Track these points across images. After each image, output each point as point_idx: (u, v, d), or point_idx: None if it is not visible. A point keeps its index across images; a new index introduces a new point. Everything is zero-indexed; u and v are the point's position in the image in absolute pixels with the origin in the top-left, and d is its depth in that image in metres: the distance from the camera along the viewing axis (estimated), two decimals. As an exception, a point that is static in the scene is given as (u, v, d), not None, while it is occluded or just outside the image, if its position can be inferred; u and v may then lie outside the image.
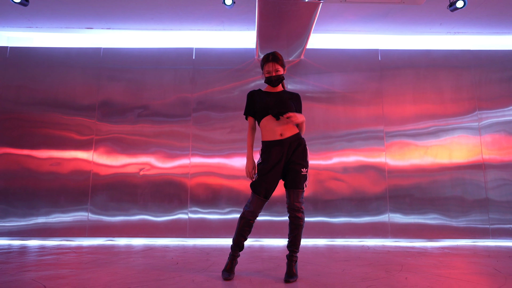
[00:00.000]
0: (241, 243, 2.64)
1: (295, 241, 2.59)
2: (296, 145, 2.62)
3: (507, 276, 2.73)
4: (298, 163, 2.58)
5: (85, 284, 2.40)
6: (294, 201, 2.56)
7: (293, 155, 2.59)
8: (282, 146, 2.59)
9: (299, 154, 2.60)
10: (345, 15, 4.64)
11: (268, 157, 2.59)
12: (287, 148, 2.59)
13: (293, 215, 2.57)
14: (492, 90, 5.24)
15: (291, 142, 2.60)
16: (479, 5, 4.40)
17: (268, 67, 2.67)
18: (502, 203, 4.95)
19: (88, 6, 4.48)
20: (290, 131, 2.63)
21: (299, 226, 2.58)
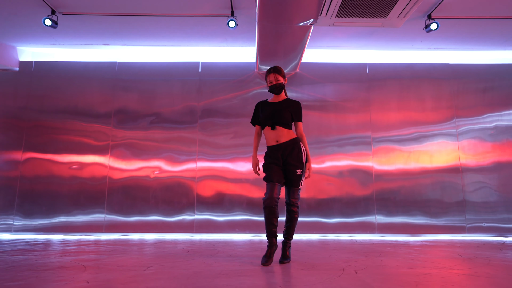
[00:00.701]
0: (272, 231, 2.92)
1: (289, 230, 3.04)
2: (291, 148, 2.99)
3: (465, 259, 3.26)
4: (293, 164, 2.96)
5: (117, 264, 2.93)
6: (291, 197, 2.99)
7: (288, 157, 2.97)
8: (279, 149, 3.01)
9: (294, 156, 2.97)
10: (335, 34, 5.20)
11: (269, 157, 3.05)
12: (283, 151, 2.99)
13: (289, 209, 3.00)
14: (469, 99, 5.79)
15: (287, 146, 3.00)
16: (454, 26, 4.95)
17: (270, 77, 3.09)
18: (478, 204, 5.48)
19: (106, 24, 5.04)
20: (285, 137, 3.03)
21: (293, 218, 3.01)
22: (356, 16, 3.94)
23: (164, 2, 4.46)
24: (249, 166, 5.54)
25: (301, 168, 2.98)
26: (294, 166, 2.95)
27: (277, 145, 3.02)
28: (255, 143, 3.26)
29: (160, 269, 2.68)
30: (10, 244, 4.40)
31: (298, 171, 2.95)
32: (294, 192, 3.00)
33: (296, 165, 2.96)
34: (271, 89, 3.12)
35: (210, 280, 2.30)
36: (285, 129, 3.04)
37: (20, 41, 5.54)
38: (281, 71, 3.11)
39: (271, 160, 3.02)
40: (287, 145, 3.00)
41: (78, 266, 2.81)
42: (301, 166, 2.98)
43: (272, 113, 3.07)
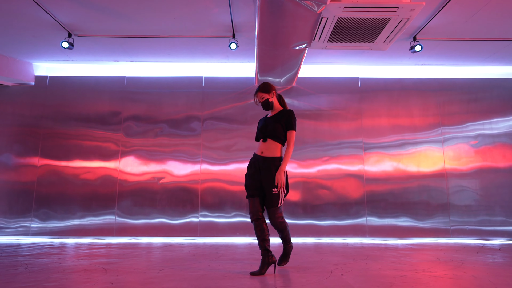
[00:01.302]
0: (262, 246, 2.97)
1: (284, 239, 3.22)
2: (266, 166, 3.01)
3: (441, 262, 3.67)
4: (267, 183, 2.98)
5: (132, 267, 3.35)
6: (271, 218, 3.03)
7: (264, 175, 3.01)
8: (257, 161, 3.07)
9: (269, 176, 2.97)
10: (329, 52, 5.60)
11: (249, 166, 3.14)
12: (260, 164, 3.04)
13: (274, 227, 3.10)
14: (453, 110, 6.22)
15: (265, 162, 3.03)
16: (437, 46, 5.36)
17: (256, 98, 3.21)
18: (461, 207, 5.90)
19: (116, 44, 5.44)
20: (270, 152, 3.06)
21: (283, 230, 3.13)
22: (346, 42, 4.35)
23: (170, 25, 4.86)
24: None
25: (276, 187, 2.98)
26: (268, 185, 2.98)
27: (259, 156, 3.08)
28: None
29: (172, 272, 3.09)
30: (30, 247, 4.81)
31: (274, 190, 2.97)
32: (273, 212, 3.02)
33: (272, 184, 2.97)
34: (262, 106, 3.25)
35: (216, 281, 2.71)
36: (274, 144, 3.08)
37: (36, 58, 5.95)
38: (265, 87, 3.18)
39: (249, 171, 3.12)
40: (266, 160, 3.04)
41: (99, 269, 3.22)
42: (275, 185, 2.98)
43: (264, 126, 3.16)
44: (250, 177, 3.11)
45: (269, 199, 2.99)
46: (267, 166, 3.02)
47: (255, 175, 3.08)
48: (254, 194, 3.06)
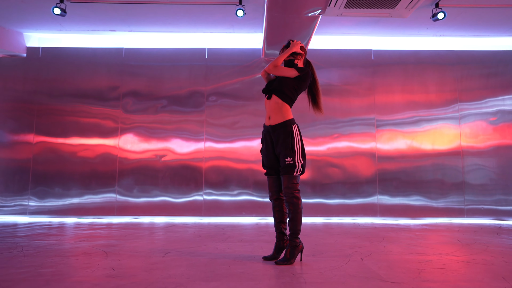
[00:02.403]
0: (278, 228, 2.72)
1: (293, 225, 2.59)
2: (277, 135, 2.64)
3: (464, 244, 3.45)
4: (280, 152, 2.62)
5: (135, 249, 3.12)
6: (284, 186, 2.61)
7: (277, 145, 2.65)
8: (269, 134, 2.70)
9: (282, 143, 2.61)
10: (342, 21, 5.21)
11: (263, 142, 2.79)
12: (273, 136, 2.68)
13: (286, 200, 2.62)
14: (472, 85, 5.88)
15: (275, 130, 2.65)
16: (460, 14, 4.97)
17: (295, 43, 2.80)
18: (476, 186, 5.66)
19: (113, 11, 5.04)
20: (277, 116, 2.65)
21: (291, 211, 2.59)
22: (364, 7, 3.98)
23: (172, -10, 4.47)
24: (255, 148, 5.66)
25: (291, 156, 2.58)
26: (283, 154, 2.61)
27: (269, 127, 2.71)
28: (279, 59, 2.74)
29: (177, 256, 2.86)
30: (28, 227, 4.60)
31: (288, 160, 2.58)
32: (286, 180, 2.60)
33: (285, 153, 2.59)
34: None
35: (227, 267, 2.48)
36: (280, 103, 2.66)
37: (27, 27, 5.55)
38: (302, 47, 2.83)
39: (263, 147, 2.79)
40: (277, 128, 2.65)
41: (99, 252, 2.99)
42: (291, 154, 2.59)
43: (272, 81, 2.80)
44: (264, 154, 2.80)
45: (283, 168, 2.61)
46: (278, 135, 2.63)
47: (268, 150, 2.74)
48: (270, 172, 2.76)
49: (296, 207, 2.58)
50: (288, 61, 2.78)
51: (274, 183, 2.74)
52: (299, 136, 2.66)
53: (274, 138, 2.67)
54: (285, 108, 2.67)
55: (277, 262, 2.57)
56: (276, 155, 2.70)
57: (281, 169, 2.63)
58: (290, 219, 2.61)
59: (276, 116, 2.66)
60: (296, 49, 2.75)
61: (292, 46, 2.75)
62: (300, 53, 2.78)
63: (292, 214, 2.59)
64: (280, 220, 2.73)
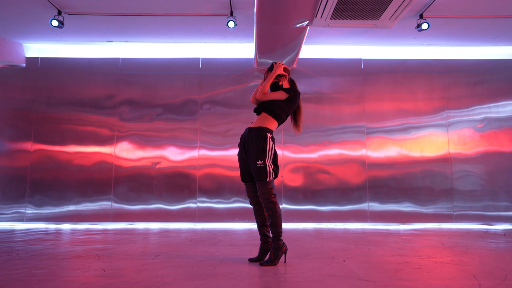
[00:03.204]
0: (261, 231, 2.81)
1: (274, 228, 2.67)
2: (250, 136, 2.70)
3: (446, 248, 3.56)
4: (252, 154, 2.66)
5: (127, 253, 3.22)
6: (260, 193, 2.67)
7: (249, 146, 2.70)
8: (244, 133, 2.81)
9: (254, 145, 2.65)
10: (331, 31, 5.38)
11: (239, 144, 2.86)
12: (246, 136, 2.76)
13: (264, 206, 2.69)
14: (459, 93, 6.04)
15: (250, 132, 2.74)
16: (445, 24, 5.14)
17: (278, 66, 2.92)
18: (465, 192, 5.78)
19: (109, 23, 5.22)
20: (258, 122, 2.77)
21: (273, 215, 2.64)
22: (349, 18, 4.14)
23: (165, 2, 4.63)
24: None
25: (261, 159, 2.62)
26: (252, 156, 2.66)
27: (246, 128, 2.82)
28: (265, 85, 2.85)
29: (167, 258, 2.97)
30: (24, 233, 4.70)
31: (258, 162, 2.61)
32: (260, 186, 2.65)
33: (257, 156, 2.63)
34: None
35: (213, 268, 2.59)
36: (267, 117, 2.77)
37: (26, 38, 5.73)
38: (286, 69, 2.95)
39: (239, 150, 2.87)
40: (252, 130, 2.74)
41: (92, 255, 3.09)
42: (262, 157, 2.62)
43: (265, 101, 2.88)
44: (239, 158, 2.87)
45: (255, 172, 2.64)
46: (251, 137, 2.70)
47: (242, 153, 2.81)
48: (246, 179, 2.83)
49: (274, 211, 2.65)
50: (273, 84, 2.91)
51: (251, 189, 2.83)
52: (272, 144, 2.72)
53: (247, 140, 2.73)
54: (270, 120, 2.77)
55: (261, 264, 2.67)
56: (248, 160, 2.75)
57: (254, 174, 2.67)
58: (270, 223, 2.68)
59: (258, 122, 2.78)
60: (279, 71, 2.88)
61: (276, 68, 2.89)
62: (283, 74, 2.91)
63: (271, 219, 2.66)
64: (262, 223, 2.82)
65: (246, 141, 2.75)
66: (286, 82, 2.98)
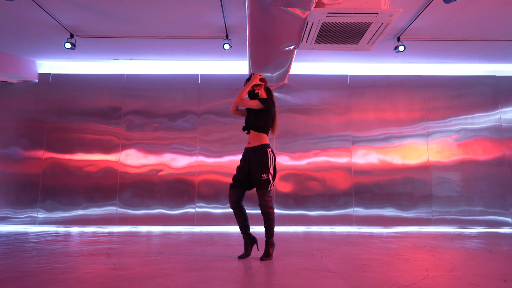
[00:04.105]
0: (240, 228, 3.33)
1: (267, 230, 3.25)
2: (254, 154, 3.21)
3: (416, 248, 4.01)
4: (257, 168, 3.17)
5: (133, 251, 3.69)
6: (261, 200, 3.19)
7: (253, 162, 3.21)
8: (248, 153, 3.28)
9: (258, 161, 3.18)
10: (318, 51, 5.89)
11: (241, 159, 3.35)
12: (251, 155, 3.24)
13: (262, 211, 3.22)
14: (437, 106, 6.54)
15: (254, 151, 3.23)
16: (421, 45, 5.65)
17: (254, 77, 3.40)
18: (443, 198, 6.26)
19: (116, 43, 5.72)
20: (255, 141, 3.26)
21: (268, 219, 3.22)
22: (331, 43, 4.64)
23: (167, 27, 5.14)
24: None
25: (266, 173, 3.15)
26: (259, 170, 3.15)
27: (248, 148, 3.29)
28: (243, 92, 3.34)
29: (168, 256, 3.43)
30: (38, 235, 5.16)
31: (263, 176, 3.14)
32: (262, 194, 3.17)
33: (262, 170, 3.15)
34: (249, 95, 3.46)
35: (208, 263, 3.06)
36: (257, 134, 3.26)
37: (39, 57, 6.25)
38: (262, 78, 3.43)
39: (240, 164, 3.33)
40: (255, 149, 3.23)
41: (103, 253, 3.56)
42: (267, 171, 3.15)
43: (247, 118, 3.39)
44: (239, 170, 3.33)
45: (259, 183, 3.16)
46: (256, 155, 3.21)
47: (244, 168, 3.29)
48: (236, 185, 3.29)
49: (270, 216, 3.22)
50: (250, 92, 3.40)
51: (235, 194, 3.29)
52: (273, 156, 3.27)
53: (252, 157, 3.23)
54: (262, 136, 3.28)
55: (262, 259, 3.17)
56: (251, 173, 3.22)
57: (257, 184, 3.19)
58: (267, 224, 3.24)
59: (254, 141, 3.27)
60: (255, 81, 3.39)
61: (252, 79, 3.39)
62: (259, 84, 3.41)
63: (268, 222, 3.24)
64: (243, 224, 3.32)
65: (251, 160, 3.23)
66: (263, 91, 3.42)
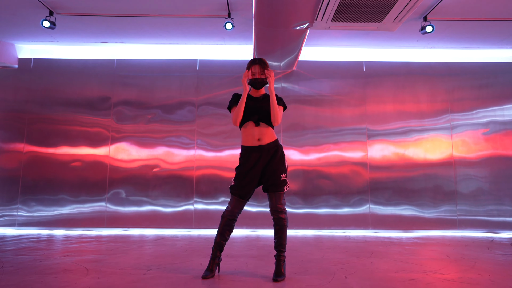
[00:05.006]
0: (221, 245, 2.76)
1: (281, 241, 2.70)
2: (273, 151, 2.73)
3: (452, 260, 3.41)
4: (277, 168, 2.70)
5: (118, 266, 3.08)
6: (276, 203, 2.69)
7: (271, 161, 2.71)
8: (260, 152, 2.71)
9: (277, 161, 2.72)
10: (332, 33, 5.22)
11: (246, 161, 2.72)
12: (266, 154, 2.71)
13: (277, 216, 2.69)
14: (463, 96, 5.88)
15: (269, 149, 2.72)
16: (449, 27, 4.98)
17: (254, 69, 2.75)
18: (468, 197, 5.64)
19: (104, 24, 5.06)
20: (268, 137, 2.74)
21: (283, 226, 2.69)
22: (351, 21, 3.98)
23: (161, 3, 4.47)
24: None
25: (285, 173, 2.74)
26: (278, 170, 2.71)
27: (259, 146, 2.72)
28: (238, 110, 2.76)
29: (159, 273, 2.82)
30: (15, 240, 4.55)
31: (282, 176, 2.71)
32: (279, 197, 2.71)
33: (281, 169, 2.71)
34: (252, 82, 2.78)
35: (208, 285, 2.44)
36: (269, 128, 2.77)
37: (19, 39, 5.56)
38: (266, 65, 2.79)
39: (247, 168, 2.72)
40: (271, 147, 2.74)
41: (80, 269, 2.95)
42: (285, 171, 2.75)
43: (257, 108, 2.75)
44: (246, 175, 2.72)
45: (277, 183, 2.70)
46: (274, 151, 2.74)
47: (254, 171, 2.70)
48: (247, 196, 2.74)
49: (286, 221, 2.72)
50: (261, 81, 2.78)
51: (241, 206, 2.76)
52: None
53: (268, 156, 2.72)
54: (271, 130, 2.80)
55: (275, 279, 2.59)
56: (266, 174, 2.71)
57: (273, 186, 2.69)
58: (281, 234, 2.70)
59: (266, 138, 2.74)
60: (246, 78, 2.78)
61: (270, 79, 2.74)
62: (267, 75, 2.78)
63: (282, 231, 2.70)
64: (225, 240, 2.79)
65: (265, 159, 2.72)
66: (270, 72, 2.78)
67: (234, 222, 2.79)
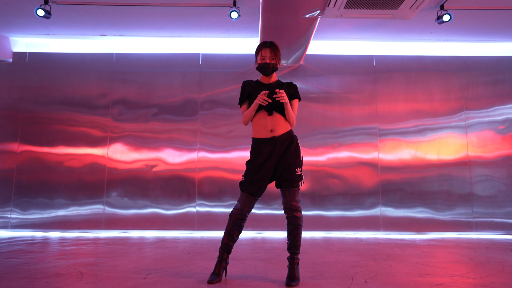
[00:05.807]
0: (229, 246, 2.51)
1: (295, 242, 2.49)
2: (288, 143, 2.49)
3: (477, 264, 3.14)
4: (291, 162, 2.47)
5: (115, 269, 2.81)
6: (291, 200, 2.46)
7: (285, 154, 2.48)
8: (273, 144, 2.47)
9: (292, 153, 2.49)
10: (341, 25, 4.98)
11: (257, 155, 2.49)
12: (279, 147, 2.47)
13: (291, 215, 2.47)
14: (478, 92, 5.62)
15: (283, 141, 2.48)
16: (466, 17, 4.74)
17: (265, 52, 2.51)
18: (485, 198, 5.36)
19: (102, 15, 4.83)
20: (282, 128, 2.50)
21: (298, 226, 2.48)
22: (365, 8, 3.74)
23: (163, -9, 4.25)
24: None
25: (300, 166, 2.50)
26: (293, 164, 2.47)
27: (272, 138, 2.47)
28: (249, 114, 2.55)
29: (161, 277, 2.56)
30: (7, 243, 4.29)
31: (297, 170, 2.47)
32: (294, 193, 2.47)
33: (295, 163, 2.48)
34: (261, 67, 2.53)
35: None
36: (282, 118, 2.51)
37: (13, 31, 5.33)
38: (279, 50, 2.54)
39: (259, 162, 2.47)
40: (284, 138, 2.48)
41: (75, 273, 2.69)
42: (300, 165, 2.51)
43: (270, 95, 2.48)
44: (258, 170, 2.47)
45: (291, 178, 2.46)
46: (288, 143, 2.50)
47: (268, 165, 2.46)
48: (258, 193, 2.51)
49: (301, 221, 2.51)
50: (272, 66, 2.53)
51: (251, 204, 2.53)
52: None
53: (282, 148, 2.48)
54: (284, 120, 2.55)
55: (288, 284, 2.35)
56: (280, 168, 2.48)
57: (288, 181, 2.46)
58: (295, 234, 2.49)
59: (280, 128, 2.51)
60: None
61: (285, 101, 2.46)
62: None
63: (296, 231, 2.49)
64: (234, 241, 2.54)
65: (279, 152, 2.48)
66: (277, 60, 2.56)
67: (243, 221, 2.53)
